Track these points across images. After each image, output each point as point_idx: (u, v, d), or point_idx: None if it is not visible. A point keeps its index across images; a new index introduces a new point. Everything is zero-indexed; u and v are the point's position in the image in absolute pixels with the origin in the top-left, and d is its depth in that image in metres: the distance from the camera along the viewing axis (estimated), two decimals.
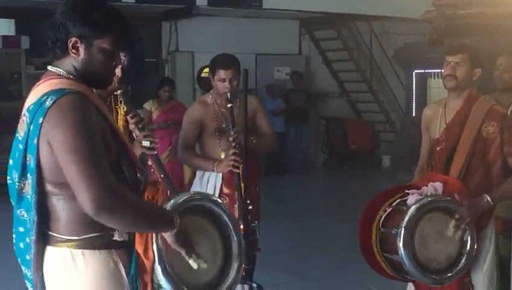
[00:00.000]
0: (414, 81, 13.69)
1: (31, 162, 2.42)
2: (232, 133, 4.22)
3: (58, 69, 2.51)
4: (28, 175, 2.44)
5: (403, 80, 14.43)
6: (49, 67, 2.54)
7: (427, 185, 3.70)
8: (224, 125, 4.44)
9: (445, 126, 3.95)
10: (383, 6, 13.24)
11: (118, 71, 3.85)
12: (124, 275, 2.54)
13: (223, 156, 4.36)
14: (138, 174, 2.67)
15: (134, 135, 3.77)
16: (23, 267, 2.57)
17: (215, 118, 4.49)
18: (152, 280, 2.58)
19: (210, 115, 4.50)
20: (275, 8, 13.03)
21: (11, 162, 2.51)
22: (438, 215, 3.65)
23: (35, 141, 2.39)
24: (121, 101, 3.91)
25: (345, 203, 4.12)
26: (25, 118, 2.45)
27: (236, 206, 4.19)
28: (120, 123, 3.96)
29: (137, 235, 2.55)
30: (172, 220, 2.49)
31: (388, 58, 14.82)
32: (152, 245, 2.53)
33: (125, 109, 3.87)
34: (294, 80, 14.23)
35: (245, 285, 3.49)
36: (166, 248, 2.54)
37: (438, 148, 3.95)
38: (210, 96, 4.58)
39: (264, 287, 3.80)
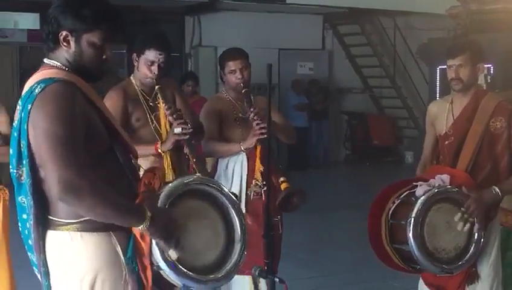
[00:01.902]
0: (438, 77, 13.58)
1: (24, 148, 2.50)
2: (252, 110, 4.23)
3: (53, 61, 2.62)
4: (24, 161, 2.52)
5: (427, 75, 14.33)
6: (45, 60, 2.64)
7: (434, 178, 3.76)
8: (241, 115, 4.44)
9: (453, 121, 3.99)
10: (408, 2, 13.18)
11: (155, 69, 4.06)
12: (122, 257, 2.59)
13: None
14: (133, 161, 2.73)
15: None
16: (29, 253, 2.64)
17: (233, 109, 4.47)
18: (151, 263, 2.60)
19: (227, 106, 4.48)
20: (298, 3, 13.01)
21: (11, 151, 2.59)
22: (446, 206, 3.72)
23: (25, 127, 2.48)
24: (159, 96, 4.03)
25: (367, 198, 4.08)
26: (18, 106, 2.55)
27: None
28: (162, 117, 4.07)
29: None
30: (141, 217, 2.48)
31: (412, 53, 14.75)
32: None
33: (163, 104, 4.03)
34: (310, 87, 14.22)
35: (267, 279, 3.48)
36: None
37: (446, 143, 3.99)
38: (224, 92, 4.59)
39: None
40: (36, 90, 2.47)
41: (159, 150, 3.96)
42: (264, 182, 4.20)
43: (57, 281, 2.59)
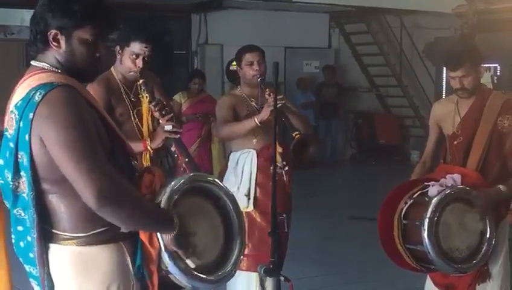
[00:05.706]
0: (444, 76, 13.56)
1: (23, 159, 2.36)
2: (267, 90, 4.25)
3: (42, 63, 2.46)
4: (22, 173, 2.38)
5: (433, 74, 14.30)
6: (33, 62, 2.49)
7: (445, 177, 3.76)
8: (254, 105, 4.47)
9: (459, 121, 4.00)
10: (414, 0, 13.13)
11: (140, 62, 3.93)
12: (130, 266, 2.50)
13: (255, 141, 4.42)
14: (133, 162, 2.63)
15: (160, 121, 3.84)
16: (26, 266, 2.52)
17: (246, 106, 4.51)
18: (159, 268, 2.55)
19: (241, 103, 4.52)
20: (304, 1, 12.99)
21: (1, 161, 2.44)
22: (458, 206, 3.71)
23: (27, 138, 2.33)
24: (143, 90, 3.95)
25: (373, 197, 4.09)
26: (13, 115, 2.38)
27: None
28: (145, 112, 4.00)
29: None
30: (172, 221, 2.44)
31: (418, 52, 14.70)
32: (157, 233, 2.49)
33: (148, 98, 3.92)
34: (326, 74, 14.18)
35: (273, 278, 3.49)
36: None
37: (455, 143, 4.00)
38: (239, 89, 4.63)
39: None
40: (36, 98, 2.32)
41: (148, 148, 3.86)
42: (284, 162, 4.29)
43: None
